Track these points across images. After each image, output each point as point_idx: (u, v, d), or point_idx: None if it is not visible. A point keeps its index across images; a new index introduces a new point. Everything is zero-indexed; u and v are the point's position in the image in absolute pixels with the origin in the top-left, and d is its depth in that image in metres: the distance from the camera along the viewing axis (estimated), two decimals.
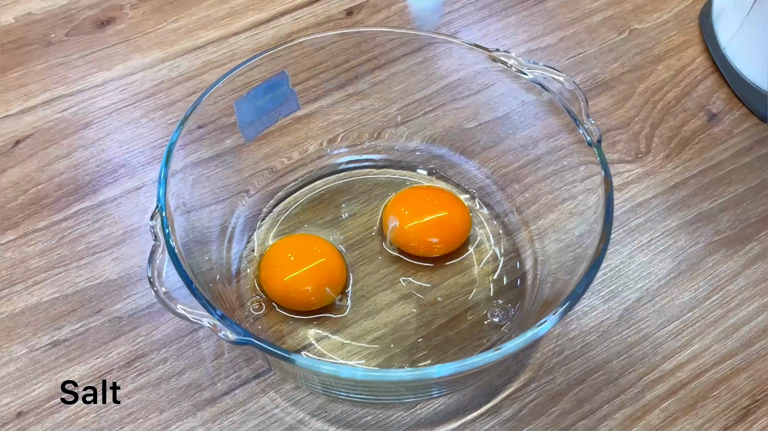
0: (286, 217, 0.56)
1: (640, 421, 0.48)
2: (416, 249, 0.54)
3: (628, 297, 0.53)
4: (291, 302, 0.51)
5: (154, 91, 0.64)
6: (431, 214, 0.54)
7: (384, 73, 0.58)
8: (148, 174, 0.59)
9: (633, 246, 0.56)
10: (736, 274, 0.55)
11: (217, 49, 0.67)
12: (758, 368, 0.51)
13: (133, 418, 0.48)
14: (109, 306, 0.52)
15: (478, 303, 0.52)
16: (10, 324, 0.51)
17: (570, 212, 0.51)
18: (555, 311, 0.40)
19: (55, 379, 0.49)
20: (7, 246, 0.55)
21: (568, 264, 0.48)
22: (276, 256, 0.52)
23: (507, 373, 0.50)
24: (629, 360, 0.51)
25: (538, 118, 0.52)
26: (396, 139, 0.60)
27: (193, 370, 0.49)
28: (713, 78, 0.66)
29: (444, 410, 0.49)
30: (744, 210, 0.58)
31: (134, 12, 0.70)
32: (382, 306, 0.52)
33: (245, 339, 0.39)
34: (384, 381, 0.42)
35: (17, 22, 0.69)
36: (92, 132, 0.61)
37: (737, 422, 0.49)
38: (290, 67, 0.52)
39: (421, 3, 0.73)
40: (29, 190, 0.58)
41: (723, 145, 0.62)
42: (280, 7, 0.70)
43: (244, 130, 0.53)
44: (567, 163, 0.51)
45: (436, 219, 0.54)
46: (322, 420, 0.48)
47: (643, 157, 0.61)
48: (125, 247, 0.55)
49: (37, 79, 0.65)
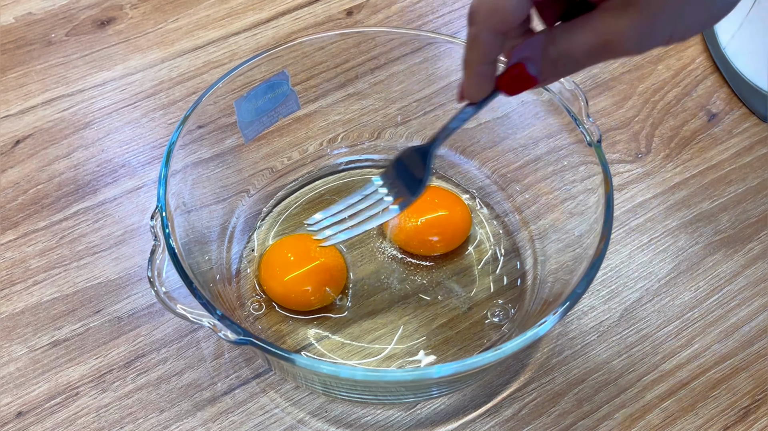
0: (286, 217, 0.56)
1: (640, 421, 0.48)
2: (416, 248, 0.54)
3: (628, 297, 0.53)
4: (291, 302, 0.51)
5: (154, 91, 0.64)
6: (432, 212, 0.54)
7: (384, 73, 0.58)
8: (148, 174, 0.59)
9: (633, 246, 0.56)
10: (736, 274, 0.55)
11: (217, 49, 0.67)
12: (758, 368, 0.51)
13: (133, 418, 0.48)
14: (109, 306, 0.52)
15: (478, 303, 0.52)
16: (10, 324, 0.51)
17: (570, 212, 0.51)
18: (555, 311, 0.40)
19: (55, 379, 0.49)
20: (7, 246, 0.55)
21: (568, 264, 0.48)
22: (276, 256, 0.52)
23: (507, 373, 0.50)
24: (629, 360, 0.51)
25: (538, 117, 0.52)
26: (396, 139, 0.60)
27: (193, 370, 0.49)
28: (713, 78, 0.66)
29: (444, 410, 0.49)
30: (744, 210, 0.58)
31: (134, 12, 0.70)
32: (382, 306, 0.52)
33: (245, 339, 0.39)
34: (384, 381, 0.42)
35: (17, 22, 0.69)
36: (92, 132, 0.61)
37: (737, 422, 0.49)
38: (290, 67, 0.52)
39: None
40: (29, 190, 0.58)
41: (723, 145, 0.62)
42: (280, 7, 0.70)
43: (244, 130, 0.53)
44: (567, 163, 0.51)
45: (437, 218, 0.54)
46: (322, 420, 0.48)
47: (643, 157, 0.61)
48: (125, 247, 0.55)
49: (37, 79, 0.65)
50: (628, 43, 0.30)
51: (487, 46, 0.32)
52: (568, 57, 0.31)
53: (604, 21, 0.30)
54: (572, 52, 0.31)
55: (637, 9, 0.29)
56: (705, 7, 0.29)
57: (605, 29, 0.30)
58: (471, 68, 0.34)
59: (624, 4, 0.29)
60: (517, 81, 0.33)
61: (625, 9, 0.29)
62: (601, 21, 0.30)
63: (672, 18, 0.29)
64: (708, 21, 0.30)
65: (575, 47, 0.31)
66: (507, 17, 0.30)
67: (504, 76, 0.34)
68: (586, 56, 0.31)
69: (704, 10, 0.29)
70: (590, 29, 0.30)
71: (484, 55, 0.33)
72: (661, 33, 0.30)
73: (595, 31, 0.30)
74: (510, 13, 0.30)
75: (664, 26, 0.29)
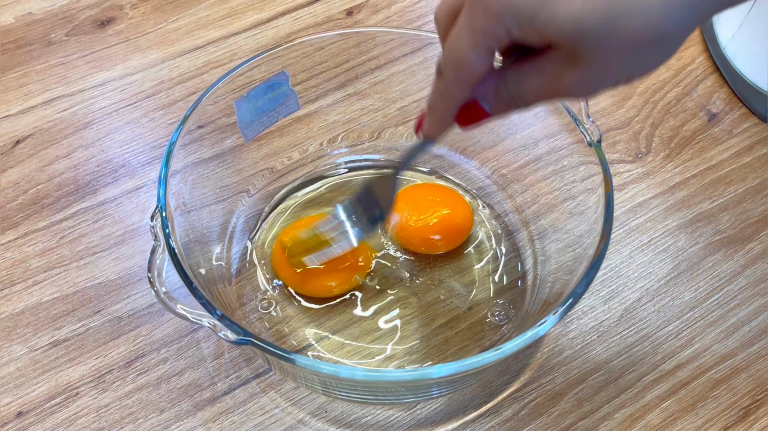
0: (286, 217, 0.56)
1: (640, 421, 0.48)
2: (418, 246, 0.54)
3: (628, 297, 0.53)
4: (318, 286, 0.51)
5: (154, 91, 0.64)
6: (434, 211, 0.54)
7: (384, 73, 0.58)
8: (148, 174, 0.59)
9: (633, 246, 0.56)
10: (736, 274, 0.55)
11: (217, 49, 0.67)
12: (758, 368, 0.51)
13: (133, 418, 0.48)
14: (109, 306, 0.52)
15: (478, 303, 0.52)
16: (10, 324, 0.51)
17: (570, 212, 0.51)
18: (555, 311, 0.40)
19: (55, 379, 0.49)
20: (7, 246, 0.55)
21: (568, 264, 0.48)
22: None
23: (507, 373, 0.50)
24: (629, 360, 0.51)
25: (538, 118, 0.52)
26: (396, 139, 0.60)
27: (193, 370, 0.49)
28: (713, 78, 0.66)
29: (444, 410, 0.49)
30: (744, 210, 0.58)
31: (134, 12, 0.70)
32: (383, 306, 0.52)
33: (245, 339, 0.39)
34: (384, 381, 0.42)
35: (17, 22, 0.69)
36: (92, 132, 0.61)
37: (737, 422, 0.49)
38: (290, 67, 0.52)
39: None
40: (29, 190, 0.58)
41: (723, 145, 0.62)
42: (280, 7, 0.70)
43: (244, 130, 0.53)
44: (567, 163, 0.51)
45: (439, 217, 0.54)
46: (322, 420, 0.48)
47: (643, 157, 0.61)
48: (125, 247, 0.55)
49: (37, 79, 0.65)
50: (576, 90, 0.32)
51: (458, 96, 0.34)
52: (518, 97, 0.34)
53: (552, 70, 0.31)
54: (522, 95, 0.33)
55: (583, 63, 0.30)
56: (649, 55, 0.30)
57: (553, 77, 0.32)
58: (437, 113, 0.36)
59: (569, 58, 0.30)
60: (472, 116, 0.36)
61: (571, 63, 0.30)
62: (549, 69, 0.31)
63: (617, 69, 0.30)
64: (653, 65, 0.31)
65: (525, 90, 0.33)
66: (473, 73, 0.32)
67: (459, 112, 0.36)
68: (535, 98, 0.33)
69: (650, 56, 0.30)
70: (539, 75, 0.32)
71: (454, 103, 0.35)
72: (607, 81, 0.31)
73: (543, 78, 0.32)
74: (476, 69, 0.32)
75: (608, 76, 0.31)
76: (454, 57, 0.32)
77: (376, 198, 0.46)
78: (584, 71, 0.30)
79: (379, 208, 0.46)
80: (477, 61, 0.32)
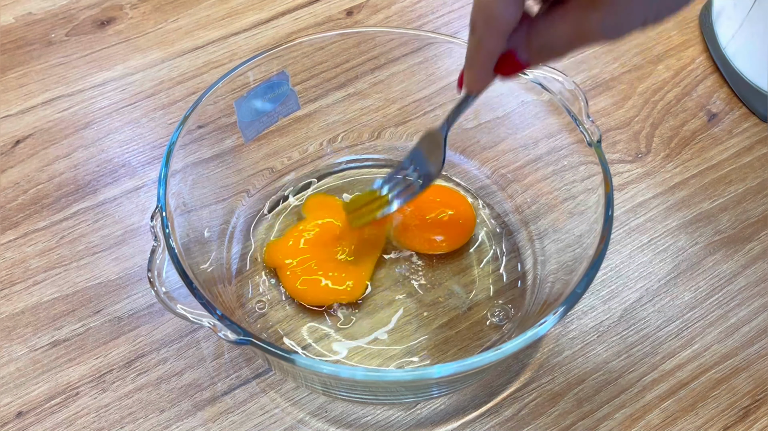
0: (286, 217, 0.56)
1: (640, 421, 0.48)
2: (420, 246, 0.54)
3: (628, 297, 0.53)
4: (317, 295, 0.51)
5: (154, 91, 0.64)
6: (436, 211, 0.54)
7: (384, 73, 0.58)
8: (148, 174, 0.59)
9: (633, 246, 0.56)
10: (736, 274, 0.55)
11: (217, 49, 0.67)
12: (758, 368, 0.51)
13: (133, 418, 0.48)
14: (109, 306, 0.52)
15: (478, 303, 0.52)
16: (10, 324, 0.51)
17: (570, 212, 0.51)
18: (555, 311, 0.40)
19: (55, 379, 0.49)
20: (7, 246, 0.55)
21: (568, 264, 0.48)
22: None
23: (507, 373, 0.50)
24: (629, 360, 0.51)
25: (538, 118, 0.52)
26: (396, 139, 0.60)
27: (193, 370, 0.49)
28: (713, 78, 0.66)
29: (444, 410, 0.49)
30: (744, 210, 0.58)
31: (134, 12, 0.70)
32: (382, 306, 0.52)
33: (245, 339, 0.39)
34: (384, 381, 0.42)
35: (17, 22, 0.69)
36: (92, 132, 0.61)
37: (737, 422, 0.49)
38: (290, 67, 0.52)
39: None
40: (29, 190, 0.58)
41: (723, 145, 0.62)
42: (280, 7, 0.70)
43: (244, 130, 0.53)
44: (567, 163, 0.51)
45: (441, 217, 0.54)
46: (322, 420, 0.48)
47: (643, 157, 0.61)
48: (125, 247, 0.55)
49: (37, 79, 0.65)
50: (603, 33, 0.32)
51: (492, 47, 0.35)
52: (550, 46, 0.34)
53: (579, 14, 0.31)
54: (553, 44, 0.34)
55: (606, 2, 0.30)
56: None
57: (579, 21, 0.32)
58: (475, 66, 0.37)
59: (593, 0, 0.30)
60: (510, 66, 0.36)
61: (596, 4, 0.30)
62: (576, 14, 0.32)
63: (641, 6, 0.30)
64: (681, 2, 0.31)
65: (555, 39, 0.33)
66: (503, 25, 0.33)
67: (498, 63, 0.36)
68: (565, 46, 0.33)
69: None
70: (568, 22, 0.32)
71: (489, 55, 0.35)
72: (636, 19, 0.31)
73: (572, 24, 0.32)
74: (505, 20, 0.32)
75: (637, 13, 0.31)
76: (483, 9, 0.33)
77: (426, 155, 0.48)
78: (608, 11, 0.30)
79: (431, 164, 0.47)
80: (505, 12, 0.32)
